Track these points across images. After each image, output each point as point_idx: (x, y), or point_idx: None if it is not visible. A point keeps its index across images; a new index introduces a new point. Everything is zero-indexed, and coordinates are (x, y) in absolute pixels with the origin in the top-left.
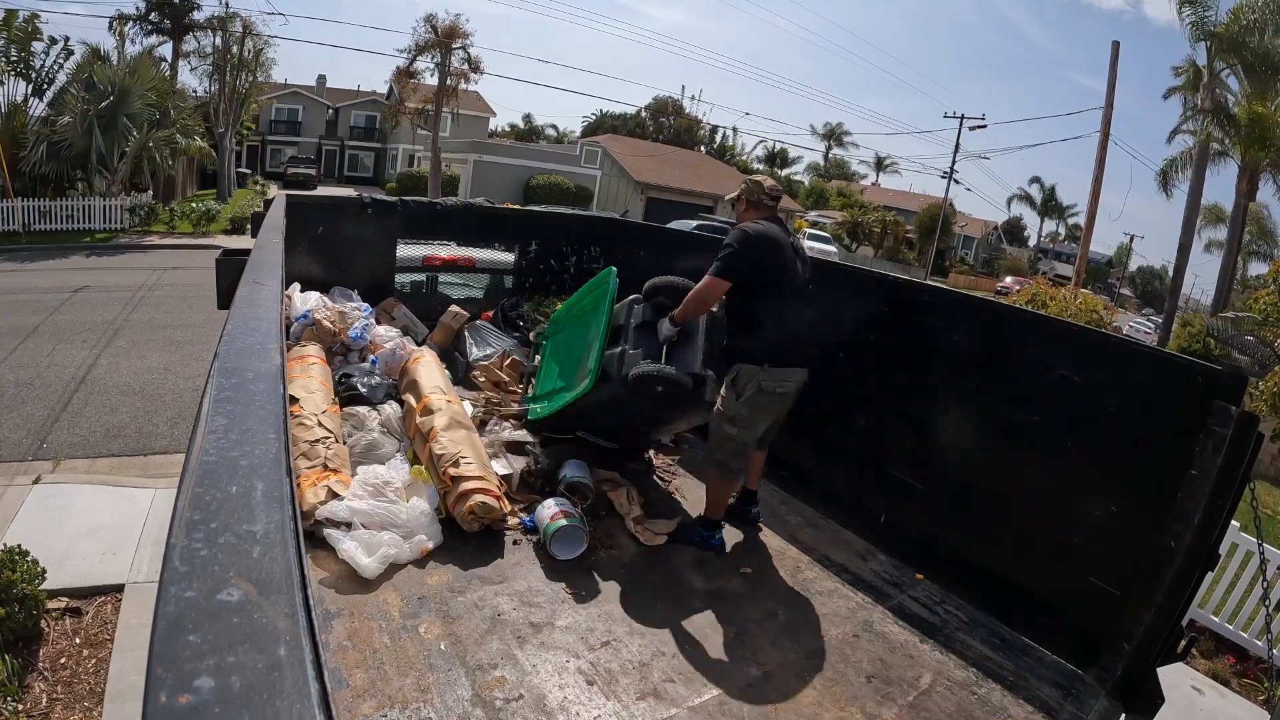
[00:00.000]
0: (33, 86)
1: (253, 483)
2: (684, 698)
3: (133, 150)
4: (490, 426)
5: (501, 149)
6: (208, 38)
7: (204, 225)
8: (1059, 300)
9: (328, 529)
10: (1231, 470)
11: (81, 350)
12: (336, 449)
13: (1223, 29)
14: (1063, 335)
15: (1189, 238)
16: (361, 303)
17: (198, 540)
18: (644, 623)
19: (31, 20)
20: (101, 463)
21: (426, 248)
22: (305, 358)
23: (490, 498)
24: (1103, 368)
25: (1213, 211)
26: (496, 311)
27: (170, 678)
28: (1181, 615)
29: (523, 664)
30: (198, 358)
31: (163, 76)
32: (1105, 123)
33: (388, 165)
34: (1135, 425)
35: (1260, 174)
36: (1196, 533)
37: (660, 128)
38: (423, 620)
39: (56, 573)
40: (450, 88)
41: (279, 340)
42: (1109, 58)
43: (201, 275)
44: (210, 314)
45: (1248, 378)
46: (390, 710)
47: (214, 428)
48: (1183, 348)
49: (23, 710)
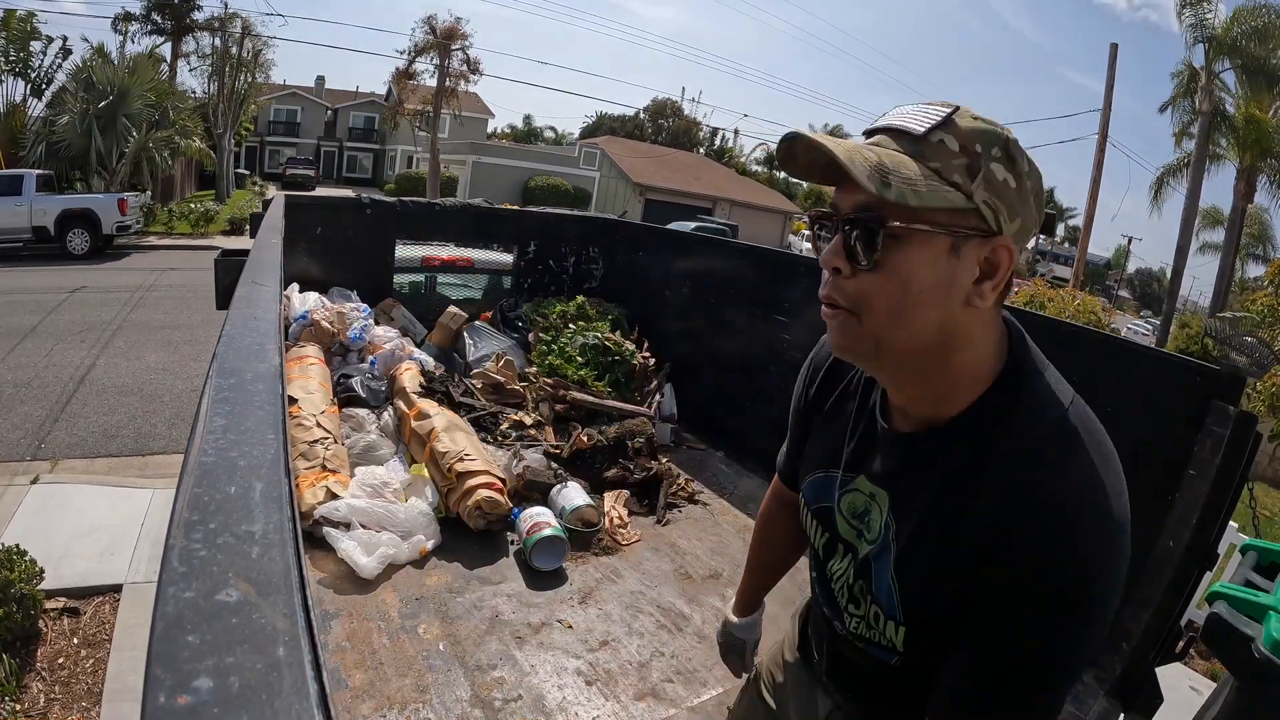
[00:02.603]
0: (31, 86)
1: (251, 483)
2: (683, 698)
3: (132, 151)
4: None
5: (500, 150)
6: (207, 38)
7: (202, 226)
8: (1057, 301)
9: (326, 529)
10: (1230, 470)
11: (79, 350)
12: (335, 449)
13: (1222, 31)
14: (1061, 335)
15: (1187, 240)
16: (360, 303)
17: (196, 541)
18: (643, 623)
19: (29, 19)
20: (99, 463)
21: (425, 248)
22: (304, 358)
23: (495, 492)
24: (1101, 368)
25: (1211, 214)
26: (495, 312)
27: (169, 678)
28: (1180, 615)
29: (521, 664)
30: (196, 358)
31: (162, 77)
32: (1103, 125)
33: (386, 166)
34: (1133, 425)
35: (1257, 176)
36: (1195, 532)
37: (659, 129)
38: (421, 621)
39: (54, 573)
40: (449, 89)
41: (278, 341)
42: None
43: (200, 276)
44: (209, 314)
45: (1246, 377)
46: (389, 711)
47: (212, 428)
48: (1181, 349)
49: (20, 710)
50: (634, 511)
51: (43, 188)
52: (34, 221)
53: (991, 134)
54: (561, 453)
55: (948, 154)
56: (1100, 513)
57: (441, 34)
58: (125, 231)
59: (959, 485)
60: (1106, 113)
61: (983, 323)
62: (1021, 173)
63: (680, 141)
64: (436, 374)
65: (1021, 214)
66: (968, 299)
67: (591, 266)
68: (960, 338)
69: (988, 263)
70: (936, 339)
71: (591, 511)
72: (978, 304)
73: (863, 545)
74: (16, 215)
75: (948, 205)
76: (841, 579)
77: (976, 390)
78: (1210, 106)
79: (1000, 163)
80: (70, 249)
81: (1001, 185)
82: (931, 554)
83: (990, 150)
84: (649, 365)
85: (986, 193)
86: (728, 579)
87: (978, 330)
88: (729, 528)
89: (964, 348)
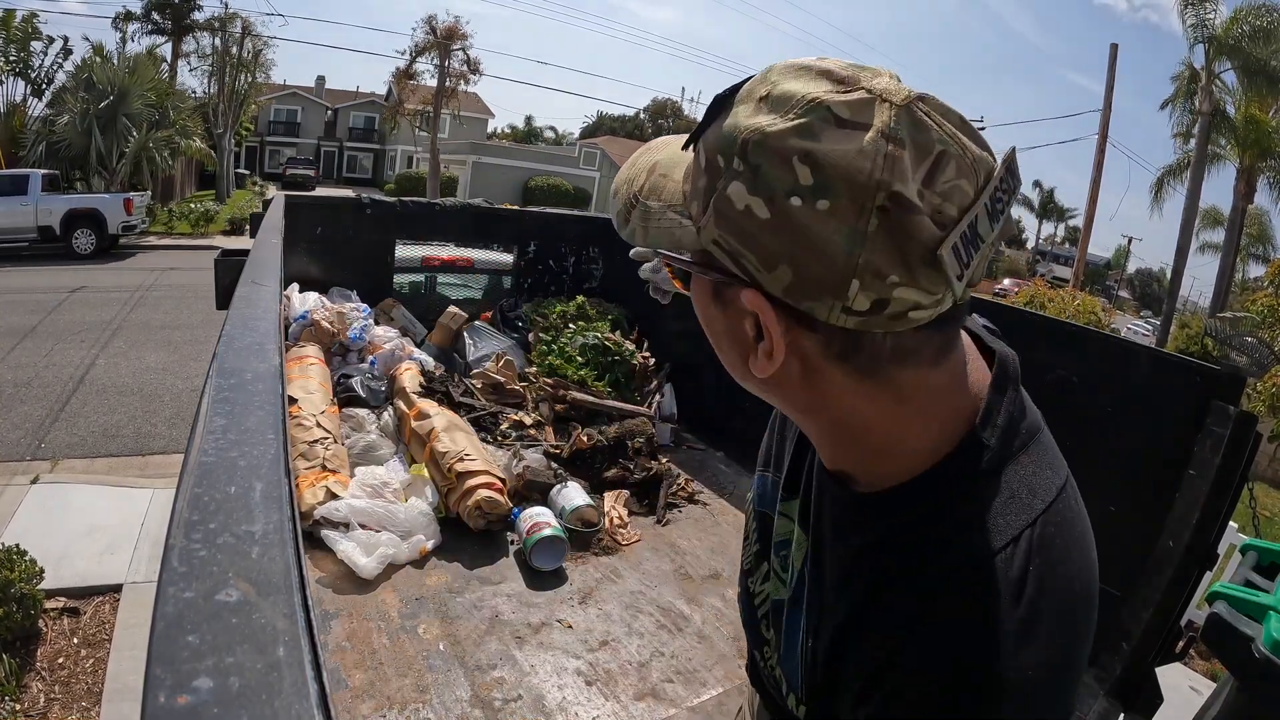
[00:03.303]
0: (31, 86)
1: (251, 483)
2: (683, 698)
3: (132, 150)
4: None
5: (500, 150)
6: (207, 38)
7: (202, 226)
8: (1057, 302)
9: (326, 529)
10: (1230, 470)
11: (79, 350)
12: (335, 450)
13: (1222, 32)
14: (1061, 335)
15: (1187, 240)
16: (360, 303)
17: (196, 541)
18: (643, 623)
19: (30, 20)
20: (99, 463)
21: (425, 248)
22: (304, 358)
23: (495, 492)
24: (1101, 368)
25: (1211, 214)
26: (495, 312)
27: (169, 678)
28: (1180, 615)
29: (521, 664)
30: (196, 358)
31: (162, 77)
32: (1103, 125)
33: (386, 166)
34: (1133, 425)
35: (1257, 176)
36: (1195, 532)
37: (659, 130)
38: (421, 621)
39: (54, 572)
40: (449, 89)
41: (278, 340)
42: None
43: (200, 275)
44: (208, 314)
45: (1246, 377)
46: (389, 711)
47: (212, 428)
48: (1181, 349)
49: (20, 710)
50: (634, 511)
51: (48, 187)
52: (39, 221)
53: (733, 135)
54: (561, 453)
55: (696, 172)
56: (990, 691)
57: (441, 34)
58: (131, 231)
59: (864, 582)
60: (1106, 113)
61: (878, 400)
62: (777, 193)
63: None
64: (436, 374)
65: (793, 259)
66: (750, 358)
67: (591, 266)
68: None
69: (755, 321)
70: (798, 403)
71: (591, 511)
72: (754, 370)
73: (779, 587)
74: (22, 215)
75: (674, 246)
76: (765, 610)
77: (905, 467)
78: (1210, 107)
79: (741, 180)
80: (76, 249)
81: (740, 216)
82: (838, 652)
83: (731, 163)
84: (649, 365)
85: (718, 229)
86: (728, 579)
87: (867, 410)
88: (729, 528)
89: (848, 423)
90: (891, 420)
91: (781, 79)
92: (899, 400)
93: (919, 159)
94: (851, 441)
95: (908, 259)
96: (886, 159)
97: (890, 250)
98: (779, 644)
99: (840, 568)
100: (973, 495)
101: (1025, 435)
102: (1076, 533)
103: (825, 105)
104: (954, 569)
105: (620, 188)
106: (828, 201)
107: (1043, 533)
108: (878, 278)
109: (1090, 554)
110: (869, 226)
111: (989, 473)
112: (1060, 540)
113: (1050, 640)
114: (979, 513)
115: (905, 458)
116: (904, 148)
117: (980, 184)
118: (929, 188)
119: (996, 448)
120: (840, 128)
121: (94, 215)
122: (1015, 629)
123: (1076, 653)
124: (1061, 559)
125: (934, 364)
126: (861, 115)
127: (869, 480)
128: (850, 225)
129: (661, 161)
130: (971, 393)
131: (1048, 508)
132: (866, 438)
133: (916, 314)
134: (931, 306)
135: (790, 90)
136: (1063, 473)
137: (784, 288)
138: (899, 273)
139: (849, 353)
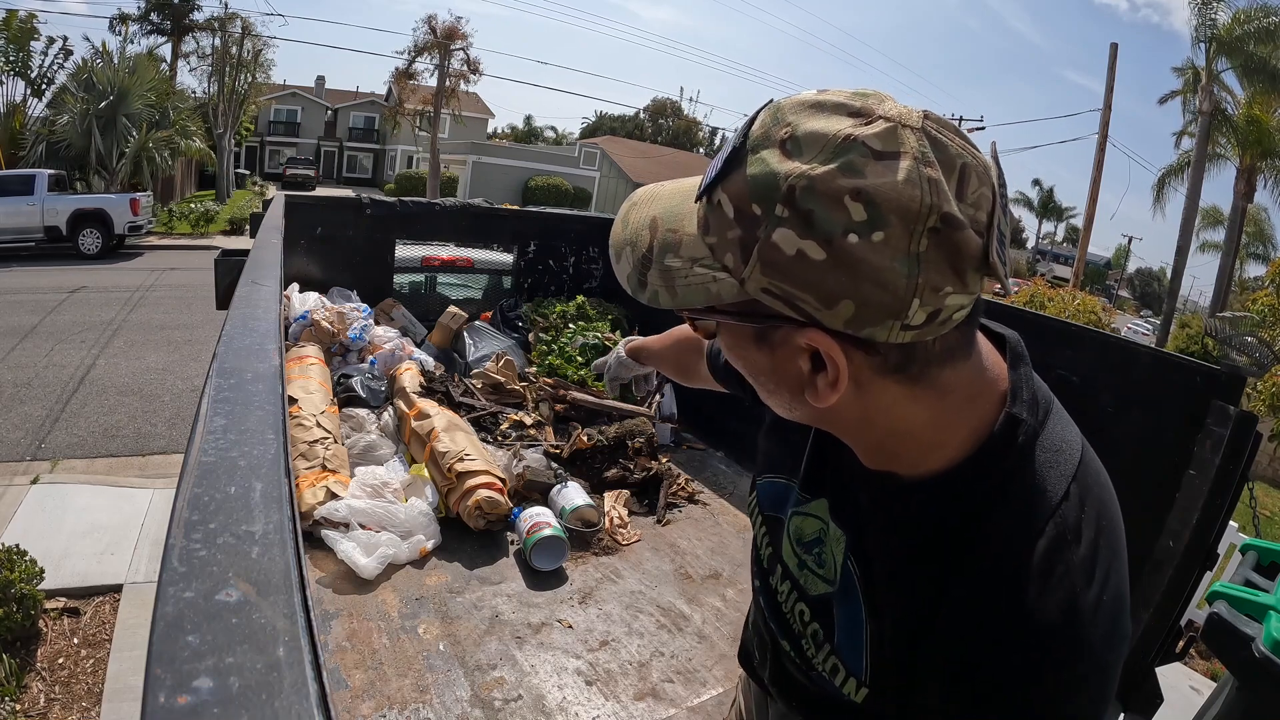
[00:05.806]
0: (31, 86)
1: (251, 483)
2: (683, 698)
3: (132, 151)
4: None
5: (500, 150)
6: (207, 38)
7: (202, 226)
8: (1057, 301)
9: (326, 529)
10: (1230, 469)
11: (79, 350)
12: (335, 449)
13: (1224, 31)
14: (1060, 335)
15: (1187, 240)
16: (360, 303)
17: (196, 541)
18: (643, 623)
19: (30, 20)
20: (99, 463)
21: (425, 248)
22: (304, 358)
23: (495, 492)
24: (1100, 367)
25: (1211, 213)
26: (495, 312)
27: (169, 678)
28: (1180, 615)
29: (521, 664)
30: (196, 358)
31: (162, 77)
32: (1103, 125)
33: (386, 166)
34: (1133, 425)
35: (1257, 176)
36: (1195, 532)
37: (659, 129)
38: (421, 621)
39: (54, 573)
40: (449, 89)
41: (278, 340)
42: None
43: (200, 275)
44: (208, 314)
45: (1246, 377)
46: (389, 711)
47: (212, 428)
48: (1181, 348)
49: (20, 710)
50: (634, 511)
51: (54, 187)
52: (46, 221)
53: (773, 182)
54: (561, 453)
55: (723, 223)
56: (1075, 647)
57: (441, 34)
58: (137, 232)
59: (932, 560)
60: (1107, 113)
61: (924, 401)
62: (834, 234)
63: (680, 141)
64: (436, 374)
65: (856, 293)
66: (808, 391)
67: (591, 266)
68: (885, 420)
69: (817, 354)
70: (848, 420)
71: (591, 511)
72: (813, 401)
73: (816, 583)
74: (28, 215)
75: (714, 301)
76: (792, 604)
77: (945, 456)
78: (1211, 106)
79: (789, 227)
80: (82, 249)
81: (791, 262)
82: (909, 629)
83: (773, 210)
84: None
85: (766, 277)
86: (728, 579)
87: (918, 413)
88: (729, 528)
89: (898, 430)
90: (939, 416)
91: (798, 119)
92: (942, 396)
93: (949, 176)
94: (898, 444)
95: (960, 270)
96: (930, 184)
97: (943, 266)
98: (828, 635)
99: (897, 555)
100: (1022, 465)
101: (1045, 403)
102: (1104, 477)
103: (859, 140)
104: (1029, 533)
105: (622, 249)
106: (882, 233)
107: (1083, 483)
108: (935, 292)
109: (1113, 491)
110: (921, 248)
111: (1028, 442)
112: (1096, 486)
113: (1109, 574)
114: (1031, 478)
115: (951, 447)
116: (936, 169)
117: (994, 186)
118: (962, 200)
119: (1029, 419)
120: (879, 160)
121: (100, 215)
122: (1081, 568)
123: (1127, 579)
124: (1102, 501)
125: (967, 356)
126: (890, 144)
127: (913, 473)
128: (905, 251)
129: (661, 216)
130: (995, 374)
131: (1081, 461)
132: (914, 438)
133: (959, 314)
134: (970, 304)
135: (816, 129)
136: (1075, 428)
137: (845, 320)
138: (952, 283)
139: (904, 364)
